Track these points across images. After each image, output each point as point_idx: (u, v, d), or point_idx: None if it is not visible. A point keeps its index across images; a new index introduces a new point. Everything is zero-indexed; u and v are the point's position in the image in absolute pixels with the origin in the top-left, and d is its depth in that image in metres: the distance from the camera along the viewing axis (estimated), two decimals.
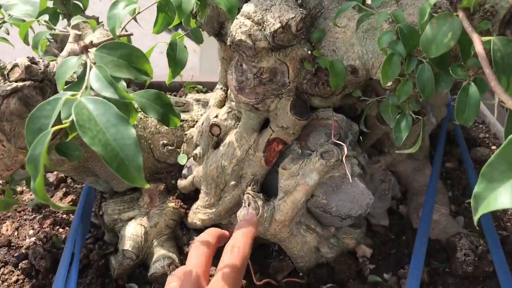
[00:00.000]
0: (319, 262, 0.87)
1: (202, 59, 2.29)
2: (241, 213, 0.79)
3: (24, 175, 0.69)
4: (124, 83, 0.54)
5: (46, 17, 0.66)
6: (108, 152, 0.42)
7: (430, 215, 0.90)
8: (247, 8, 0.67)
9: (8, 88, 0.56)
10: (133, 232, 0.85)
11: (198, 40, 0.77)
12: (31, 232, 0.98)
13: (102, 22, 0.95)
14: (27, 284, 0.87)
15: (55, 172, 1.14)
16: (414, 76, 0.61)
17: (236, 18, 0.68)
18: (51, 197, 1.07)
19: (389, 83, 0.65)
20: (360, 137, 0.91)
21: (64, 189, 1.09)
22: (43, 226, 0.99)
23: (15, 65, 0.58)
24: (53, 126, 0.43)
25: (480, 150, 1.16)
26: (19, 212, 1.05)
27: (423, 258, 0.83)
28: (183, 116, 0.93)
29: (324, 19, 0.71)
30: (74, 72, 0.54)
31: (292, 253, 0.84)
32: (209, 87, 1.26)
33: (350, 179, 0.71)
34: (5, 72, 0.57)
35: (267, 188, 0.84)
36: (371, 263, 0.87)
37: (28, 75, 0.58)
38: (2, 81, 0.57)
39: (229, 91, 0.85)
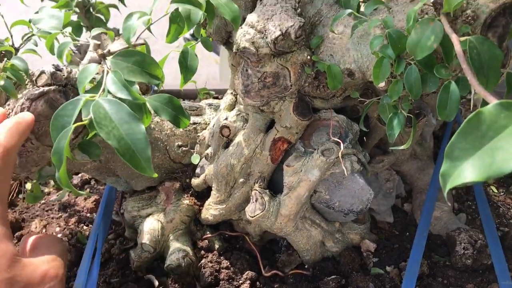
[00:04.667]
0: (325, 256, 0.92)
1: (222, 68, 2.37)
2: (249, 208, 0.85)
3: (50, 172, 0.76)
4: (137, 87, 0.61)
5: (69, 29, 0.74)
6: (122, 146, 0.49)
7: (431, 211, 0.94)
8: (251, 17, 0.74)
9: (36, 92, 0.63)
10: (150, 227, 0.92)
11: (208, 48, 0.83)
12: (57, 229, 1.06)
13: (121, 33, 1.02)
14: None
15: (80, 174, 1.22)
16: (403, 77, 0.66)
17: (241, 27, 0.74)
18: (76, 197, 1.15)
19: (382, 84, 0.70)
20: (364, 138, 0.96)
21: (88, 190, 1.17)
22: (69, 224, 1.07)
23: (42, 72, 0.65)
24: (74, 123, 0.50)
25: None
26: (47, 211, 1.12)
27: (422, 251, 0.88)
28: (197, 119, 0.99)
29: (323, 26, 0.77)
30: (94, 78, 0.61)
31: (298, 247, 0.89)
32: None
33: (346, 173, 0.76)
34: (34, 78, 0.65)
35: (274, 185, 0.89)
36: (374, 257, 0.92)
37: (53, 80, 0.65)
38: (31, 86, 0.65)
39: (238, 95, 0.91)
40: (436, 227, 0.97)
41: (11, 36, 0.84)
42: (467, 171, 0.39)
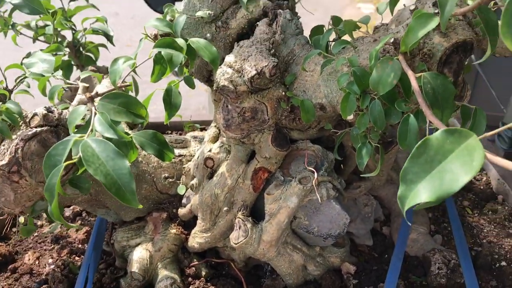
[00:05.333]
0: (307, 279, 0.96)
1: (210, 100, 2.43)
2: (233, 235, 0.89)
3: (43, 206, 0.80)
4: (123, 126, 0.66)
5: (60, 73, 0.79)
6: (108, 180, 0.54)
7: (406, 234, 0.99)
8: (228, 58, 0.80)
9: (30, 133, 0.68)
10: (139, 256, 0.96)
11: (191, 85, 0.89)
12: (50, 260, 1.10)
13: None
14: None
15: (72, 207, 1.26)
16: (368, 110, 0.72)
17: (220, 67, 0.80)
18: (68, 229, 1.19)
19: (350, 117, 0.76)
20: (341, 165, 1.01)
21: (79, 222, 1.21)
22: (61, 255, 1.11)
23: (35, 114, 0.71)
24: (65, 161, 0.55)
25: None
26: (40, 243, 1.16)
27: (398, 272, 0.92)
28: (182, 151, 1.05)
29: (296, 65, 0.83)
30: (83, 118, 0.66)
31: (281, 271, 0.93)
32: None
33: (320, 200, 0.81)
34: (27, 120, 0.70)
35: (257, 212, 0.94)
36: (354, 279, 0.96)
37: (45, 121, 0.70)
38: (24, 127, 0.70)
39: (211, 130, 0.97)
40: (413, 248, 1.02)
41: (5, 79, 0.90)
42: (421, 193, 0.44)
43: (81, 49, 1.27)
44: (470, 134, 0.43)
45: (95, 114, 0.62)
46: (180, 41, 0.75)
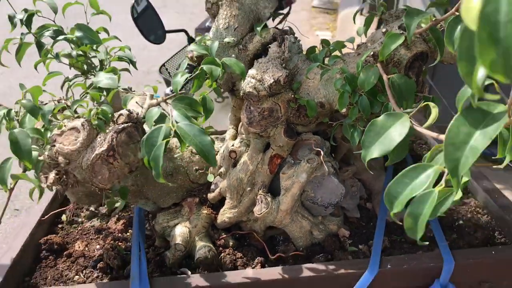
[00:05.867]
0: (313, 242, 1.23)
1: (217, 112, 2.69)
2: (256, 208, 1.16)
3: (117, 187, 1.04)
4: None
5: (125, 85, 1.05)
6: (198, 148, 0.80)
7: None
8: (251, 71, 1.08)
9: (120, 127, 0.93)
10: (181, 231, 1.20)
11: (219, 94, 1.16)
12: (97, 246, 1.32)
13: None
14: (105, 277, 1.20)
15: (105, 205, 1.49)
16: (358, 104, 1.01)
17: (246, 78, 1.08)
18: (107, 222, 1.42)
19: (344, 110, 1.05)
20: (332, 154, 1.30)
21: (116, 216, 1.44)
22: (106, 242, 1.33)
23: (120, 114, 0.96)
24: (163, 139, 0.81)
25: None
26: (85, 235, 1.38)
27: (383, 231, 1.20)
28: None
29: (300, 75, 1.12)
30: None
31: (293, 235, 1.20)
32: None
33: (326, 171, 1.09)
34: (115, 119, 0.95)
35: (273, 192, 1.21)
36: (349, 240, 1.24)
37: (129, 119, 0.96)
38: (112, 124, 0.95)
39: (239, 128, 1.24)
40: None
41: (71, 93, 1.15)
42: (374, 152, 0.73)
43: None
44: (403, 115, 0.72)
45: (172, 110, 0.89)
46: (217, 60, 1.03)
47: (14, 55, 1.34)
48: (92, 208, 1.48)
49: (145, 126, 0.98)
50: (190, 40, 2.39)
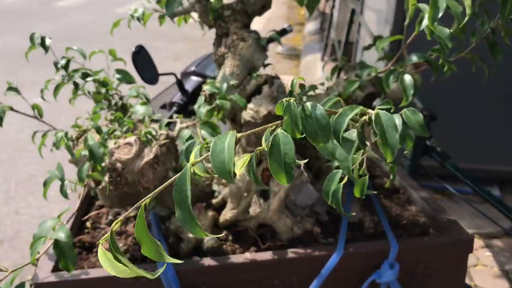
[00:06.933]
0: (294, 236, 1.60)
1: None
2: (252, 209, 1.53)
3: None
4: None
5: (157, 116, 1.43)
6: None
7: (349, 209, 1.68)
8: (250, 105, 1.48)
9: (161, 142, 1.30)
10: None
11: (224, 122, 1.54)
12: (121, 244, 1.65)
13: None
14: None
15: (113, 212, 1.82)
16: None
17: (245, 110, 1.47)
18: (125, 226, 1.75)
19: None
20: (307, 169, 1.70)
21: (133, 222, 1.77)
22: (128, 241, 1.66)
23: (161, 134, 1.33)
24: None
25: (378, 180, 1.98)
26: None
27: (346, 228, 1.59)
28: None
29: None
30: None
31: (280, 230, 1.57)
32: None
33: (305, 180, 1.48)
34: (157, 136, 1.32)
35: (264, 195, 1.58)
36: (321, 235, 1.62)
37: (166, 137, 1.32)
38: (154, 141, 1.31)
39: (237, 148, 1.62)
40: (352, 218, 1.70)
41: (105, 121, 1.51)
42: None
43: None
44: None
45: (200, 130, 1.26)
46: (227, 96, 1.42)
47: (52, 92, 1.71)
48: (111, 217, 1.81)
49: (177, 143, 1.35)
50: (178, 82, 2.78)
